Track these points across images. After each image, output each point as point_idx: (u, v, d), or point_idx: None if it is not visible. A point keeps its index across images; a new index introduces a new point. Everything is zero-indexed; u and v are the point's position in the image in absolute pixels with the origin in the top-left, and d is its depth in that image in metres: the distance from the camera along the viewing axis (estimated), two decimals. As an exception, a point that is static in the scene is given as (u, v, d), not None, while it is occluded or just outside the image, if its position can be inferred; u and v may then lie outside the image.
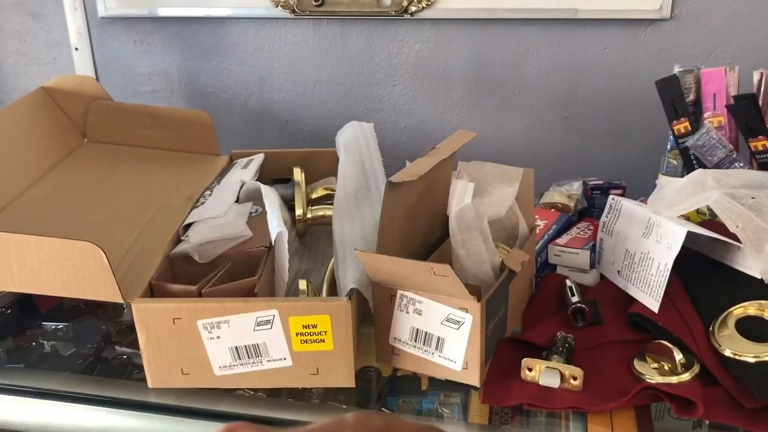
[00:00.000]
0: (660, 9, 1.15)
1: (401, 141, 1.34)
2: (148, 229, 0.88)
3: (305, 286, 0.79)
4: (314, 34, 1.29)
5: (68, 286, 0.74)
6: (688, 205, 0.87)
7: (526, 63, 1.24)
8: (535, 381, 0.74)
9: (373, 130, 1.04)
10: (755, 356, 0.73)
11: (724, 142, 0.96)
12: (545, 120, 1.27)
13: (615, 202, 0.94)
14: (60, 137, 1.08)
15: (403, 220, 0.77)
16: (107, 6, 1.32)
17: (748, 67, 0.99)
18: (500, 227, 0.86)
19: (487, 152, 1.28)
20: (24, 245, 0.73)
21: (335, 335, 0.72)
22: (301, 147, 1.36)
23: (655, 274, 0.82)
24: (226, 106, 1.38)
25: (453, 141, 0.83)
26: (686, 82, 0.99)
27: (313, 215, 0.98)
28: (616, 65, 1.21)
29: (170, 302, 0.73)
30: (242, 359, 0.74)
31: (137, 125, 1.12)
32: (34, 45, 1.41)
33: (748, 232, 0.79)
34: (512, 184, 0.85)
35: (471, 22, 1.23)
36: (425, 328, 0.74)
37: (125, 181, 1.02)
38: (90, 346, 0.89)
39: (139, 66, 1.38)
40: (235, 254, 0.84)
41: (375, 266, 0.73)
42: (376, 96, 1.32)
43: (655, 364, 0.75)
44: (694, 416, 0.70)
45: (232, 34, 1.32)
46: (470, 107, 1.29)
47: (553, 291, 0.91)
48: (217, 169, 1.06)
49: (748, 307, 0.78)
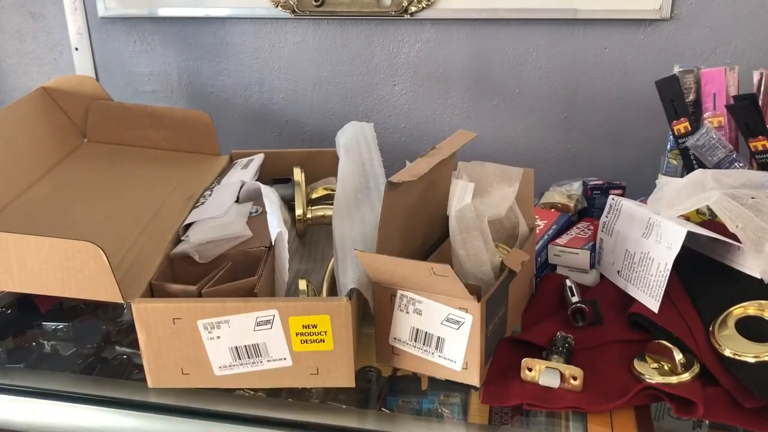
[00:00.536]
0: (660, 9, 1.15)
1: (401, 141, 1.34)
2: (148, 229, 0.88)
3: (305, 286, 0.79)
4: (314, 34, 1.29)
5: (68, 286, 0.74)
6: (688, 205, 0.87)
7: (526, 63, 1.24)
8: (535, 381, 0.74)
9: (373, 130, 1.04)
10: (755, 356, 0.73)
11: (724, 142, 0.96)
12: (545, 120, 1.27)
13: (615, 202, 0.94)
14: (60, 137, 1.08)
15: (403, 220, 0.77)
16: (107, 6, 1.32)
17: (748, 67, 0.99)
18: (500, 227, 0.86)
19: (487, 152, 1.28)
20: (24, 245, 0.73)
21: (335, 335, 0.72)
22: (301, 147, 1.36)
23: (655, 274, 0.82)
24: (226, 106, 1.38)
25: (453, 141, 0.83)
26: (686, 82, 0.99)
27: (313, 215, 0.98)
28: (616, 65, 1.21)
29: (170, 302, 0.73)
30: (242, 359, 0.74)
31: (137, 125, 1.12)
32: (34, 45, 1.41)
33: (748, 232, 0.79)
34: (512, 184, 0.85)
35: (471, 22, 1.23)
36: (425, 328, 0.74)
37: (125, 181, 1.02)
38: (90, 346, 0.89)
39: (139, 66, 1.38)
40: (235, 254, 0.84)
41: (375, 266, 0.73)
42: (376, 96, 1.32)
43: (655, 364, 0.75)
44: (694, 416, 0.70)
45: (232, 34, 1.32)
46: (470, 107, 1.29)
47: (553, 291, 0.91)
48: (217, 169, 1.06)
49: (748, 307, 0.78)
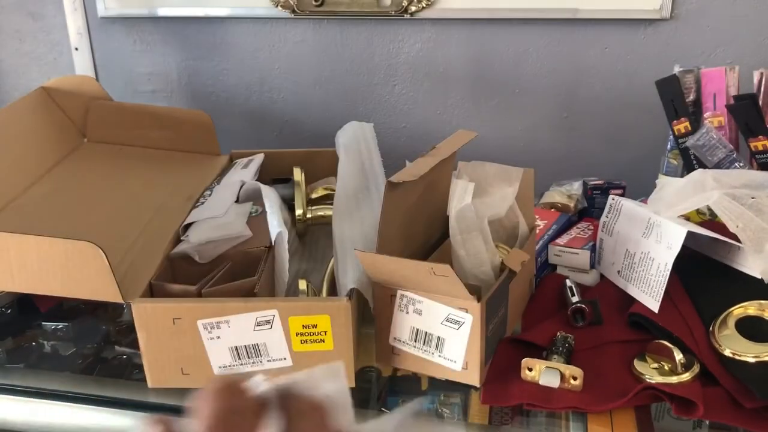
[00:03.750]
0: (660, 9, 1.15)
1: (401, 141, 1.34)
2: (148, 229, 0.88)
3: (305, 286, 0.79)
4: (314, 34, 1.29)
5: (68, 286, 0.74)
6: (688, 205, 0.87)
7: (526, 63, 1.24)
8: (535, 381, 0.74)
9: (372, 131, 1.04)
10: (755, 356, 0.73)
11: (724, 142, 0.96)
12: (545, 120, 1.27)
13: (615, 202, 0.94)
14: (60, 137, 1.08)
15: (403, 220, 0.77)
16: (107, 6, 1.32)
17: (748, 67, 0.99)
18: (500, 227, 0.86)
19: (487, 152, 1.27)
20: (24, 245, 0.73)
21: (335, 335, 0.72)
22: (301, 147, 1.36)
23: (655, 274, 0.82)
24: (226, 106, 1.38)
25: (453, 141, 0.83)
26: (686, 82, 0.99)
27: (313, 215, 0.98)
28: (616, 65, 1.21)
29: (170, 302, 0.73)
30: (242, 359, 0.74)
31: (137, 125, 1.12)
32: (34, 45, 1.41)
33: (748, 232, 0.79)
34: (512, 184, 0.85)
35: (471, 22, 1.23)
36: (425, 328, 0.74)
37: (125, 181, 1.02)
38: (90, 346, 0.88)
39: (139, 66, 1.38)
40: (235, 254, 0.84)
41: (375, 266, 0.73)
42: (376, 96, 1.32)
43: (655, 364, 0.75)
44: (694, 416, 0.70)
45: (232, 34, 1.32)
46: (470, 107, 1.29)
47: (553, 291, 0.91)
48: (217, 169, 1.06)
49: (748, 307, 0.78)
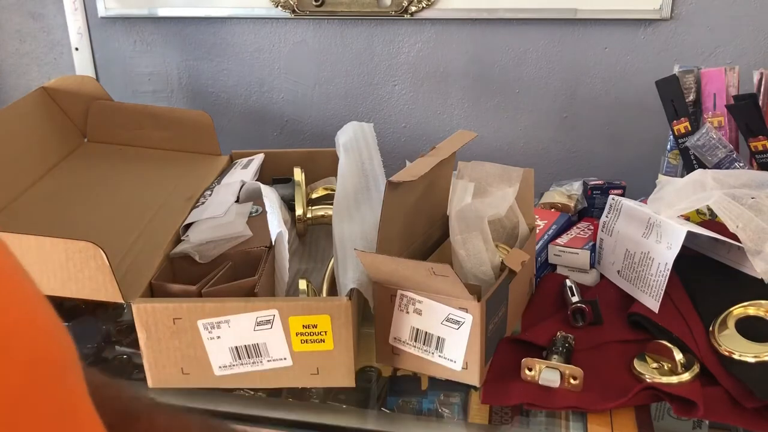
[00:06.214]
0: (660, 9, 1.15)
1: (401, 141, 1.34)
2: (148, 229, 0.88)
3: (305, 286, 0.79)
4: (314, 34, 1.29)
5: (68, 286, 0.74)
6: (688, 205, 0.87)
7: (526, 63, 1.24)
8: (535, 381, 0.74)
9: (372, 130, 1.04)
10: (755, 356, 0.73)
11: (724, 142, 0.96)
12: (545, 120, 1.27)
13: (615, 202, 0.94)
14: (60, 137, 1.08)
15: (403, 220, 0.77)
16: (107, 6, 1.32)
17: (748, 67, 0.99)
18: (500, 227, 0.86)
19: (487, 152, 1.28)
20: (24, 245, 0.73)
21: (335, 335, 0.72)
22: (301, 147, 1.36)
23: (655, 274, 0.82)
24: (226, 106, 1.38)
25: (453, 141, 0.83)
26: (686, 82, 0.99)
27: (313, 215, 0.97)
28: (616, 65, 1.21)
29: (170, 302, 0.73)
30: (242, 359, 0.74)
31: (137, 125, 1.12)
32: (34, 45, 1.41)
33: (748, 232, 0.79)
34: (512, 184, 0.85)
35: (471, 22, 1.23)
36: (425, 328, 0.74)
37: (125, 181, 1.02)
38: (90, 346, 0.88)
39: (139, 66, 1.38)
40: (235, 254, 0.84)
41: (375, 266, 0.73)
42: (376, 96, 1.32)
43: (655, 364, 0.75)
44: (694, 416, 0.70)
45: (232, 34, 1.32)
46: (470, 107, 1.29)
47: (553, 291, 0.91)
48: (217, 169, 1.06)
49: (748, 307, 0.78)
